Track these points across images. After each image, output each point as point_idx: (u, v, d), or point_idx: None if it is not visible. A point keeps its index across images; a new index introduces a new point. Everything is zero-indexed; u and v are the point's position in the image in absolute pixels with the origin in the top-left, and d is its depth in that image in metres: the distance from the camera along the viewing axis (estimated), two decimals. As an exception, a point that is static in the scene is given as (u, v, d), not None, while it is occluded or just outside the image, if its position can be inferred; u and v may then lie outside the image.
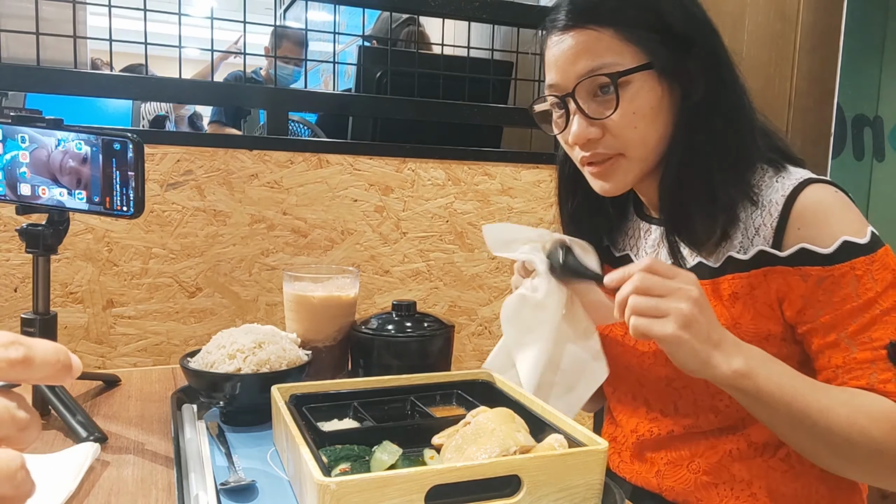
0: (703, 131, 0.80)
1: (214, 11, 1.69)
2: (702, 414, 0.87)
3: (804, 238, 0.77)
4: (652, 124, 0.80)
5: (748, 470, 0.85)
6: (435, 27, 2.06)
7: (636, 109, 0.78)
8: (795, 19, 2.30)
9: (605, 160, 0.82)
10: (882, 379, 0.74)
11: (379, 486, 0.58)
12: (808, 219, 0.78)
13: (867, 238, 0.77)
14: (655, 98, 0.79)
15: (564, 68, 0.80)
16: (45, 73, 1.49)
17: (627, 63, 0.78)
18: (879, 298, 0.75)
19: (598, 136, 0.81)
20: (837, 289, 0.76)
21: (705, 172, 0.80)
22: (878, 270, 0.76)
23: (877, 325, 0.75)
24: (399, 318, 1.01)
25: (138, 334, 1.55)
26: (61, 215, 0.90)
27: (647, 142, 0.81)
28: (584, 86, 0.79)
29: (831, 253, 0.76)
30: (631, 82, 0.78)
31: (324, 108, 2.03)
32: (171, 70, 1.71)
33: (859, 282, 0.75)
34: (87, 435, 0.83)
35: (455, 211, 1.81)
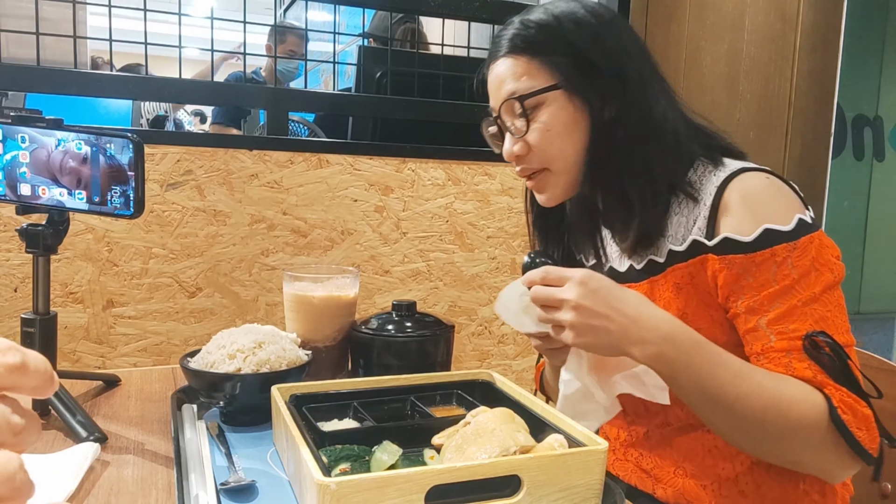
0: (613, 146, 0.87)
1: (214, 11, 1.69)
2: (669, 410, 0.88)
3: (729, 227, 0.81)
4: (567, 140, 0.87)
5: (732, 468, 0.86)
6: (435, 27, 2.06)
7: (550, 127, 0.86)
8: (795, 19, 2.30)
9: (533, 174, 0.91)
10: (797, 367, 0.76)
11: (379, 486, 0.58)
12: (733, 208, 0.82)
13: (791, 225, 0.79)
14: (567, 115, 0.86)
15: (493, 93, 0.91)
16: (45, 73, 1.49)
17: (539, 85, 0.86)
18: (797, 286, 0.78)
19: (523, 153, 0.89)
20: (758, 275, 0.79)
21: (617, 183, 0.87)
22: (798, 257, 0.78)
23: (794, 316, 0.77)
24: (399, 318, 1.01)
25: (138, 334, 1.55)
26: (61, 215, 0.90)
27: (566, 156, 0.88)
28: (506, 107, 0.89)
29: (752, 241, 0.80)
30: (543, 102, 0.86)
31: (324, 108, 2.03)
32: (171, 70, 1.71)
33: (778, 268, 0.78)
34: (87, 435, 0.83)
35: (455, 211, 1.81)
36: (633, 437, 0.94)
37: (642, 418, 0.92)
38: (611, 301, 0.75)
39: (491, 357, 1.89)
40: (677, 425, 0.89)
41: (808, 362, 0.76)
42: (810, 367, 0.76)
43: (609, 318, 0.74)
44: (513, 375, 1.91)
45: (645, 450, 0.92)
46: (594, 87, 0.86)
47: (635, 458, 0.94)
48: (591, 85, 0.86)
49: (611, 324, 0.74)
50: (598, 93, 0.86)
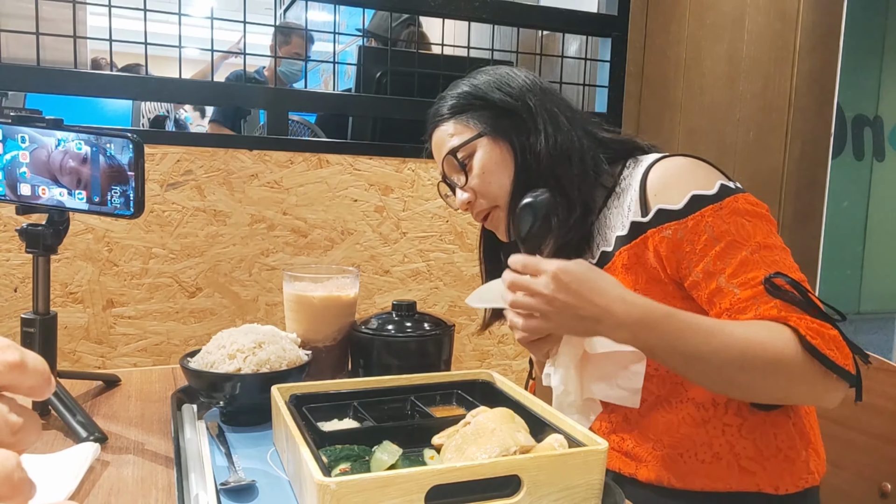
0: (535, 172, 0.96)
1: (214, 11, 1.69)
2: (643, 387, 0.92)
3: (660, 201, 0.89)
4: (502, 175, 0.97)
5: (706, 433, 0.90)
6: (435, 27, 2.06)
7: (484, 169, 0.97)
8: (795, 19, 2.30)
9: (486, 215, 1.01)
10: (765, 309, 0.80)
11: (379, 486, 0.58)
12: (659, 185, 0.91)
13: (715, 189, 0.87)
14: (496, 156, 0.97)
15: (437, 158, 1.03)
16: (45, 73, 1.49)
17: (466, 138, 0.98)
18: (739, 239, 0.84)
19: (472, 199, 0.99)
20: (696, 237, 0.85)
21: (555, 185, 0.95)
22: (728, 215, 0.85)
23: (749, 265, 0.83)
24: (399, 318, 1.01)
25: (138, 334, 1.55)
26: (61, 215, 0.90)
27: (506, 191, 0.97)
28: (447, 164, 1.01)
29: (682, 207, 0.87)
30: (474, 151, 0.98)
31: (324, 108, 2.03)
32: (171, 70, 1.71)
33: (712, 227, 0.85)
34: (87, 435, 0.83)
35: (455, 211, 1.81)
36: (613, 424, 0.97)
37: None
38: (583, 293, 0.77)
39: (491, 357, 1.89)
40: (650, 401, 0.93)
41: (773, 301, 0.80)
42: (776, 306, 0.80)
43: (581, 308, 0.78)
44: (513, 375, 1.91)
45: (625, 433, 0.95)
46: (511, 126, 0.97)
47: (616, 442, 0.96)
48: (509, 125, 0.97)
49: (583, 312, 0.78)
50: (515, 130, 0.97)
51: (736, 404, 0.91)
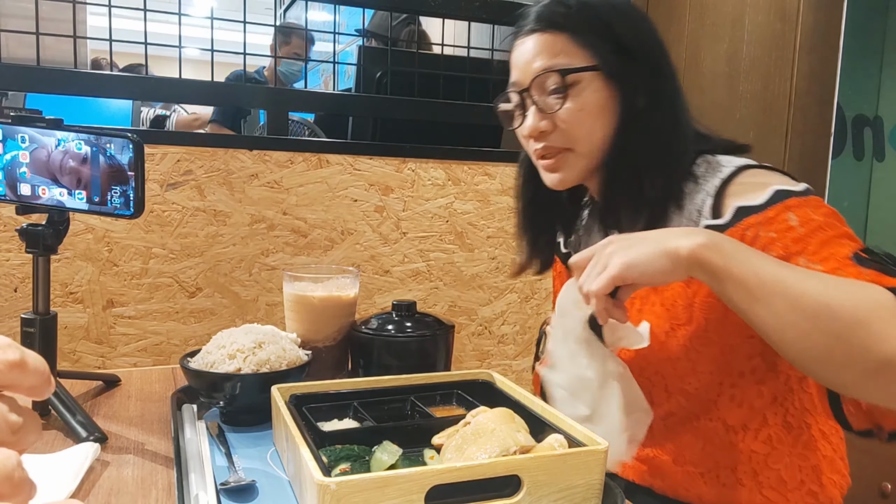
0: (638, 136, 0.87)
1: (214, 11, 1.69)
2: (673, 398, 0.89)
3: (738, 201, 0.82)
4: (597, 122, 0.87)
5: (730, 455, 0.87)
6: (435, 27, 2.06)
7: (583, 107, 0.86)
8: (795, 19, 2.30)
9: (555, 154, 0.90)
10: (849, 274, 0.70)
11: (379, 486, 0.58)
12: (740, 188, 0.83)
13: (801, 187, 0.81)
14: (601, 99, 0.87)
15: (523, 67, 0.89)
16: (45, 73, 1.49)
17: (578, 64, 0.86)
18: (825, 226, 0.76)
19: (549, 129, 0.88)
20: (778, 224, 0.78)
21: (634, 173, 0.87)
22: (815, 207, 0.78)
23: (832, 244, 0.74)
24: (399, 318, 1.01)
25: (138, 334, 1.55)
26: (61, 215, 0.90)
27: (593, 139, 0.88)
28: (539, 81, 0.87)
29: (764, 201, 0.80)
30: (580, 82, 0.86)
31: (324, 108, 2.03)
32: (171, 70, 1.71)
33: (797, 214, 0.77)
34: (87, 435, 0.83)
35: (455, 211, 1.81)
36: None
37: None
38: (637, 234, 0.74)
39: (491, 357, 1.89)
40: (681, 415, 0.89)
41: (863, 269, 0.69)
42: (866, 274, 0.69)
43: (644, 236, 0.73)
44: (513, 375, 1.91)
45: (646, 443, 0.92)
46: (629, 74, 0.86)
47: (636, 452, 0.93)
48: (627, 72, 0.86)
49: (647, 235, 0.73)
50: (631, 81, 0.87)
51: (767, 432, 0.86)
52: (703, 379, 0.86)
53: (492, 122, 2.01)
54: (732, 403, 0.86)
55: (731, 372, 0.86)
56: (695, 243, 0.69)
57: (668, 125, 0.88)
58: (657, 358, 0.88)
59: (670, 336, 0.86)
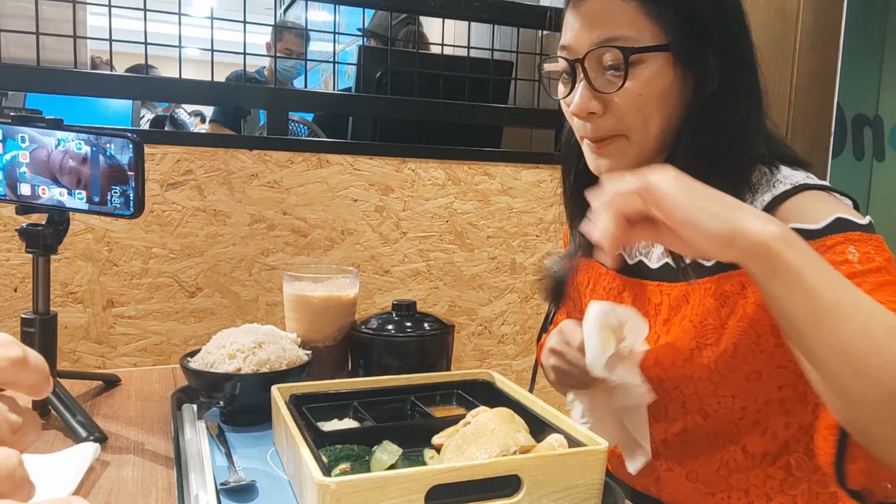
0: (709, 128, 0.77)
1: (214, 11, 1.69)
2: (689, 416, 0.86)
3: (793, 222, 0.71)
4: (658, 110, 0.76)
5: (746, 479, 0.84)
6: (435, 27, 2.06)
7: (643, 91, 0.75)
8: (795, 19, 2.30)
9: (602, 138, 0.79)
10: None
11: (379, 486, 0.58)
12: (796, 210, 0.74)
13: (866, 220, 0.71)
14: (665, 83, 0.75)
15: (580, 32, 0.76)
16: (45, 73, 1.49)
17: (645, 40, 0.74)
18: (885, 269, 0.66)
19: (599, 112, 0.77)
20: (834, 256, 0.68)
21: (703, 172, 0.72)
22: (877, 247, 0.69)
23: (886, 289, 0.65)
24: (399, 318, 1.01)
25: (138, 334, 1.55)
26: (61, 215, 0.90)
27: (650, 127, 0.77)
28: (596, 55, 0.75)
29: (823, 227, 0.70)
30: (643, 61, 0.74)
31: (324, 108, 2.03)
32: (171, 70, 1.71)
33: (858, 251, 0.67)
34: (87, 435, 0.83)
35: (455, 211, 1.81)
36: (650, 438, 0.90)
37: (660, 423, 0.89)
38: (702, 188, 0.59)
39: (491, 357, 1.89)
40: (698, 433, 0.86)
41: None
42: None
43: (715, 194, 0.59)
44: (513, 375, 1.91)
45: (660, 453, 0.90)
46: (702, 56, 0.75)
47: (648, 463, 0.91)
48: (700, 53, 0.75)
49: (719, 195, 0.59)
50: (703, 63, 0.76)
51: (787, 459, 0.81)
52: (724, 402, 0.82)
53: (492, 122, 2.02)
54: (755, 430, 0.82)
55: (755, 399, 0.81)
56: (771, 232, 0.56)
57: (744, 118, 0.78)
58: (678, 375, 0.83)
59: (695, 355, 0.81)
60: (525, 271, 1.90)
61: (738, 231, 0.57)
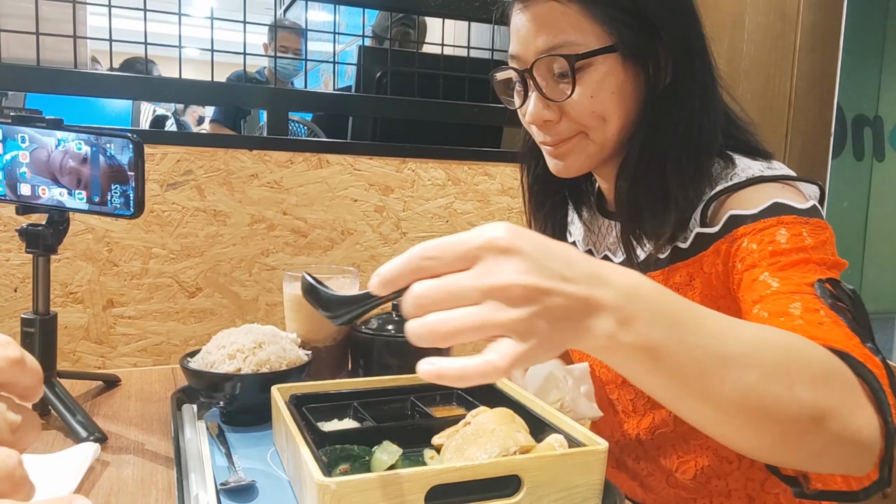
0: (665, 122, 0.76)
1: (214, 11, 1.69)
2: (657, 411, 0.86)
3: (732, 208, 0.73)
4: (613, 108, 0.75)
5: (725, 484, 0.84)
6: (435, 27, 2.06)
7: (594, 93, 0.74)
8: (795, 19, 2.30)
9: (561, 141, 0.78)
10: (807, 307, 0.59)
11: (379, 486, 0.58)
12: (739, 198, 0.73)
13: (807, 205, 0.70)
14: (616, 82, 0.74)
15: (525, 40, 0.76)
16: (45, 73, 1.49)
17: (590, 43, 0.73)
18: (810, 250, 0.66)
19: (555, 118, 0.76)
20: (765, 236, 0.68)
21: (660, 168, 0.76)
22: (813, 229, 0.68)
23: (804, 267, 0.64)
24: (399, 318, 1.01)
25: (138, 334, 1.55)
26: (61, 215, 0.90)
27: (609, 125, 0.76)
28: (543, 63, 0.75)
29: (758, 212, 0.70)
30: (592, 64, 0.73)
31: (324, 108, 2.03)
32: (171, 70, 1.71)
33: (788, 231, 0.67)
34: (87, 435, 0.83)
35: (455, 211, 1.81)
36: (626, 438, 0.92)
37: (631, 419, 0.90)
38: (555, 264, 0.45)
39: (491, 357, 1.89)
40: (668, 433, 0.86)
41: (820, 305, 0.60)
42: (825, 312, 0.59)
43: (561, 292, 0.44)
44: (513, 375, 1.91)
45: (639, 455, 0.91)
46: (652, 50, 0.74)
47: (630, 464, 0.92)
48: (649, 48, 0.74)
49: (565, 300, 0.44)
50: (654, 58, 0.75)
51: None
52: None
53: (492, 122, 2.01)
54: None
55: None
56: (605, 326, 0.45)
57: (700, 109, 0.76)
58: None
59: None
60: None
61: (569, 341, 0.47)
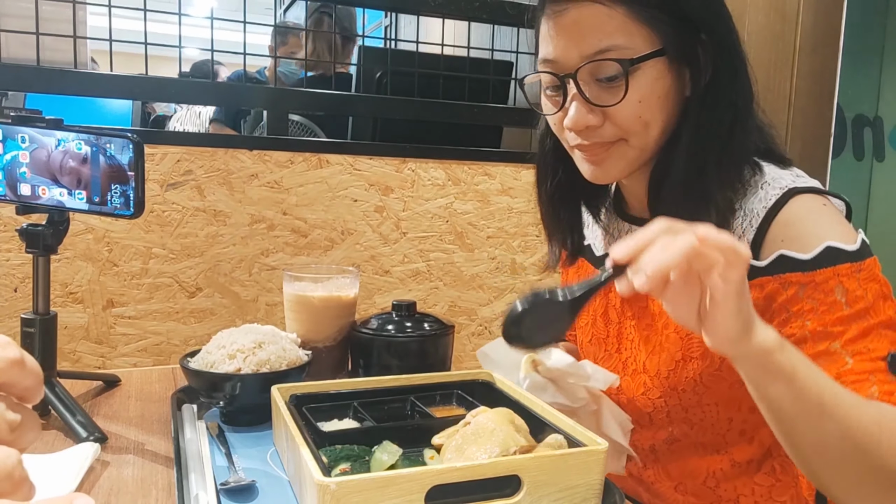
0: (705, 125, 0.76)
1: (214, 11, 1.69)
2: (675, 425, 0.86)
3: (784, 246, 0.72)
4: (658, 113, 0.75)
5: (734, 489, 0.84)
6: (435, 27, 2.06)
7: (643, 98, 0.73)
8: (795, 19, 2.30)
9: (601, 146, 0.77)
10: (884, 391, 0.65)
11: (379, 486, 0.58)
12: (790, 230, 0.73)
13: (856, 245, 0.70)
14: (665, 86, 0.74)
15: (567, 45, 0.73)
16: (45, 73, 1.49)
17: (638, 46, 0.72)
18: (871, 310, 0.68)
19: (598, 123, 0.75)
20: (822, 296, 0.69)
21: (701, 171, 0.76)
22: (867, 280, 0.69)
23: (872, 335, 0.67)
24: (399, 318, 1.01)
25: (138, 334, 1.55)
26: (61, 215, 0.90)
27: (650, 130, 0.75)
28: (589, 68, 0.72)
29: (812, 258, 0.70)
30: (641, 69, 0.72)
31: (324, 108, 2.03)
32: (171, 70, 1.71)
33: (846, 289, 0.68)
34: (87, 435, 0.83)
35: (455, 211, 1.81)
36: (638, 445, 0.91)
37: (647, 430, 0.90)
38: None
39: (491, 357, 1.89)
40: (685, 442, 0.86)
41: (891, 378, 0.65)
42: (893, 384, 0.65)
43: (748, 292, 0.59)
44: (513, 375, 1.91)
45: (649, 461, 0.90)
46: (696, 54, 0.74)
47: (637, 470, 0.92)
48: (693, 49, 0.74)
49: (748, 294, 0.59)
50: (697, 60, 0.74)
51: (771, 464, 0.83)
52: (708, 411, 0.82)
53: (492, 122, 2.01)
54: (742, 439, 0.82)
55: (740, 407, 0.81)
56: (772, 338, 0.60)
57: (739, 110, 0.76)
58: (663, 385, 0.84)
59: (680, 367, 0.81)
60: (525, 272, 1.90)
61: (749, 334, 0.59)
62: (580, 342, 1.01)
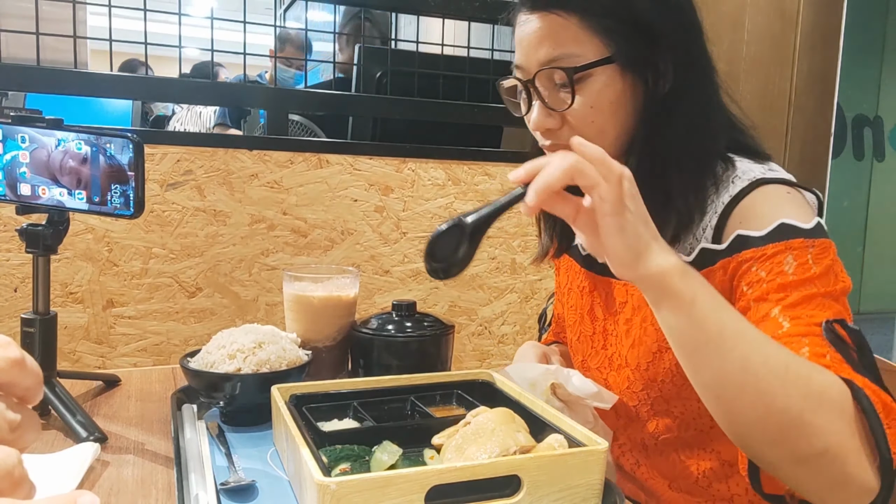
0: (666, 127, 0.78)
1: (214, 11, 1.69)
2: (660, 419, 0.86)
3: (741, 227, 0.74)
4: (611, 118, 0.78)
5: (728, 488, 0.84)
6: (435, 27, 2.06)
7: (594, 104, 0.76)
8: (795, 19, 2.30)
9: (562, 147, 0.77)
10: (815, 353, 0.64)
11: (379, 486, 0.58)
12: (748, 212, 0.75)
13: (811, 225, 0.72)
14: (615, 93, 0.77)
15: (528, 52, 0.79)
16: (45, 73, 1.49)
17: (589, 55, 0.75)
18: (817, 281, 0.69)
19: (556, 126, 0.79)
20: (773, 265, 0.70)
21: (662, 173, 0.78)
22: (819, 254, 0.70)
23: (814, 304, 0.68)
24: (399, 318, 1.01)
25: (138, 334, 1.55)
26: (61, 215, 0.90)
27: (606, 136, 0.78)
28: (545, 74, 0.77)
29: (766, 234, 0.72)
30: (591, 76, 0.76)
31: (324, 108, 2.03)
32: (171, 70, 1.71)
33: (796, 260, 0.69)
34: (87, 435, 0.83)
35: (455, 211, 1.81)
36: (630, 441, 0.92)
37: (633, 424, 0.91)
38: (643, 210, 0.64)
39: (491, 357, 1.89)
40: (671, 439, 0.86)
41: (827, 349, 0.64)
42: (828, 354, 0.64)
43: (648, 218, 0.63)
44: (513, 375, 1.91)
45: (641, 459, 0.91)
46: (650, 58, 0.76)
47: (630, 466, 0.92)
48: (648, 57, 0.76)
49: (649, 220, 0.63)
50: (653, 66, 0.77)
51: None
52: (688, 405, 0.83)
53: (492, 122, 2.01)
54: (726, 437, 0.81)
55: None
56: (670, 263, 0.63)
57: (699, 115, 0.78)
58: (643, 377, 0.85)
59: (657, 358, 0.83)
60: (525, 271, 1.90)
61: (643, 257, 0.63)
62: (569, 341, 1.02)
